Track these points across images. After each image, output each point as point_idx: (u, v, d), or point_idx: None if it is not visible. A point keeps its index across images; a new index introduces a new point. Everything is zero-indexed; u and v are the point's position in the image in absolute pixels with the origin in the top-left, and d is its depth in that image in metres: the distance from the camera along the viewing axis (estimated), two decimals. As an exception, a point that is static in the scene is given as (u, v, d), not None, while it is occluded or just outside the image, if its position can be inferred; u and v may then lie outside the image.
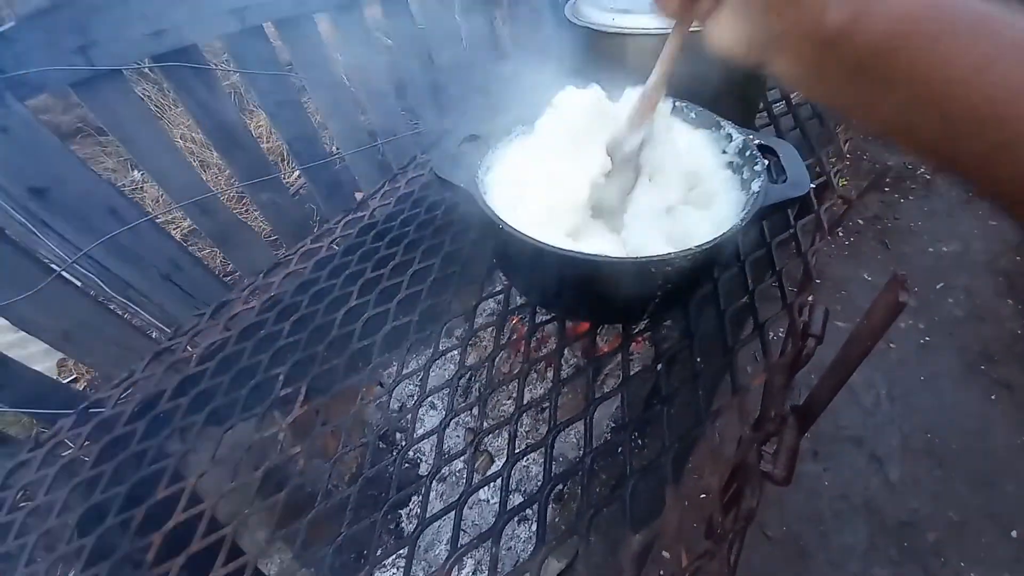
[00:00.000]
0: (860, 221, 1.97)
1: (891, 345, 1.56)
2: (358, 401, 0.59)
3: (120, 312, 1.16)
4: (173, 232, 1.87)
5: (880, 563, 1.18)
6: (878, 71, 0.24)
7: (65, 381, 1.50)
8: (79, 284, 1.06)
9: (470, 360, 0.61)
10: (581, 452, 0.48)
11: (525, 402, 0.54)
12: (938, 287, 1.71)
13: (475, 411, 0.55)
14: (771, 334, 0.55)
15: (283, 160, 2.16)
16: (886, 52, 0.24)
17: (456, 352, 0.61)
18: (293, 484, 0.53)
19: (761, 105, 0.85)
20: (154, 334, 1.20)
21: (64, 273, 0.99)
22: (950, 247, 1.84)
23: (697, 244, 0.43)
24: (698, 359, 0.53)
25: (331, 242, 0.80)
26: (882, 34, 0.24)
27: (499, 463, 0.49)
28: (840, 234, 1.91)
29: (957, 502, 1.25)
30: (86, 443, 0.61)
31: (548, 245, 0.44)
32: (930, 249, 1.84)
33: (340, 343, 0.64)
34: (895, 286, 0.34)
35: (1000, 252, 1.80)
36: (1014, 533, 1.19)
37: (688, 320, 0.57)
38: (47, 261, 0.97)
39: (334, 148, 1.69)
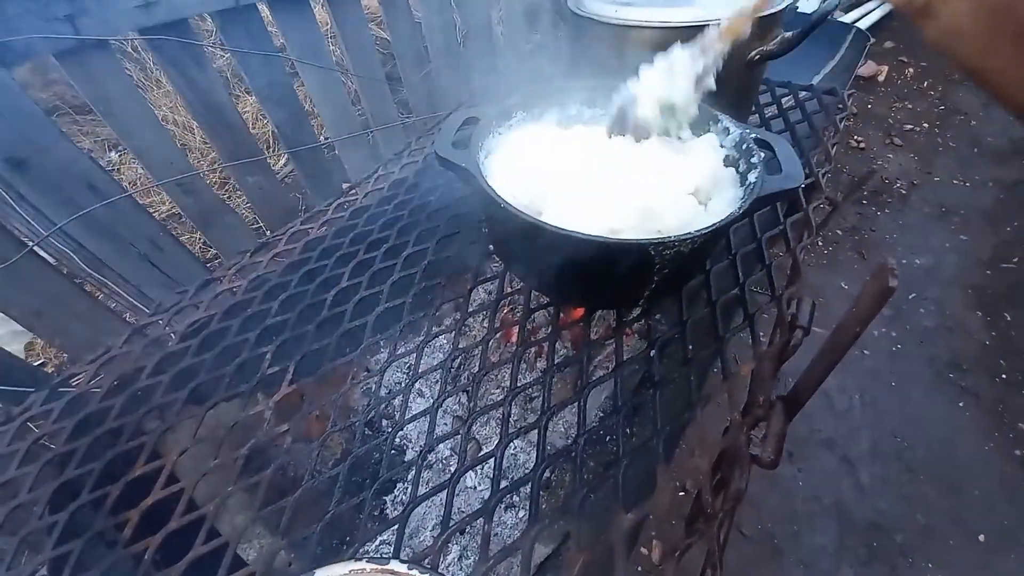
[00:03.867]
0: (839, 232, 2.03)
1: (864, 352, 1.61)
2: (348, 381, 0.58)
3: (95, 293, 1.12)
4: (152, 214, 1.81)
5: (849, 562, 1.21)
6: None
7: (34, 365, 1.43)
8: (52, 261, 1.01)
9: (462, 345, 0.61)
10: (575, 433, 0.49)
11: (518, 386, 0.54)
12: (910, 297, 1.77)
13: (465, 396, 0.54)
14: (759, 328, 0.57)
15: (269, 147, 2.12)
16: None
17: (447, 337, 0.61)
18: (277, 465, 0.52)
19: (752, 108, 0.88)
20: (129, 316, 1.16)
21: (37, 248, 0.95)
22: (922, 260, 1.91)
23: (696, 229, 0.44)
24: (690, 346, 0.54)
25: (321, 224, 0.79)
26: None
27: (488, 449, 0.48)
28: (819, 244, 1.97)
29: (924, 506, 1.29)
30: (58, 420, 0.59)
31: (549, 224, 0.44)
32: (903, 261, 1.91)
33: (331, 323, 0.63)
34: (884, 272, 0.35)
35: (969, 266, 1.88)
36: (981, 537, 1.22)
37: (681, 308, 0.58)
38: (20, 235, 0.93)
39: (324, 136, 1.66)
